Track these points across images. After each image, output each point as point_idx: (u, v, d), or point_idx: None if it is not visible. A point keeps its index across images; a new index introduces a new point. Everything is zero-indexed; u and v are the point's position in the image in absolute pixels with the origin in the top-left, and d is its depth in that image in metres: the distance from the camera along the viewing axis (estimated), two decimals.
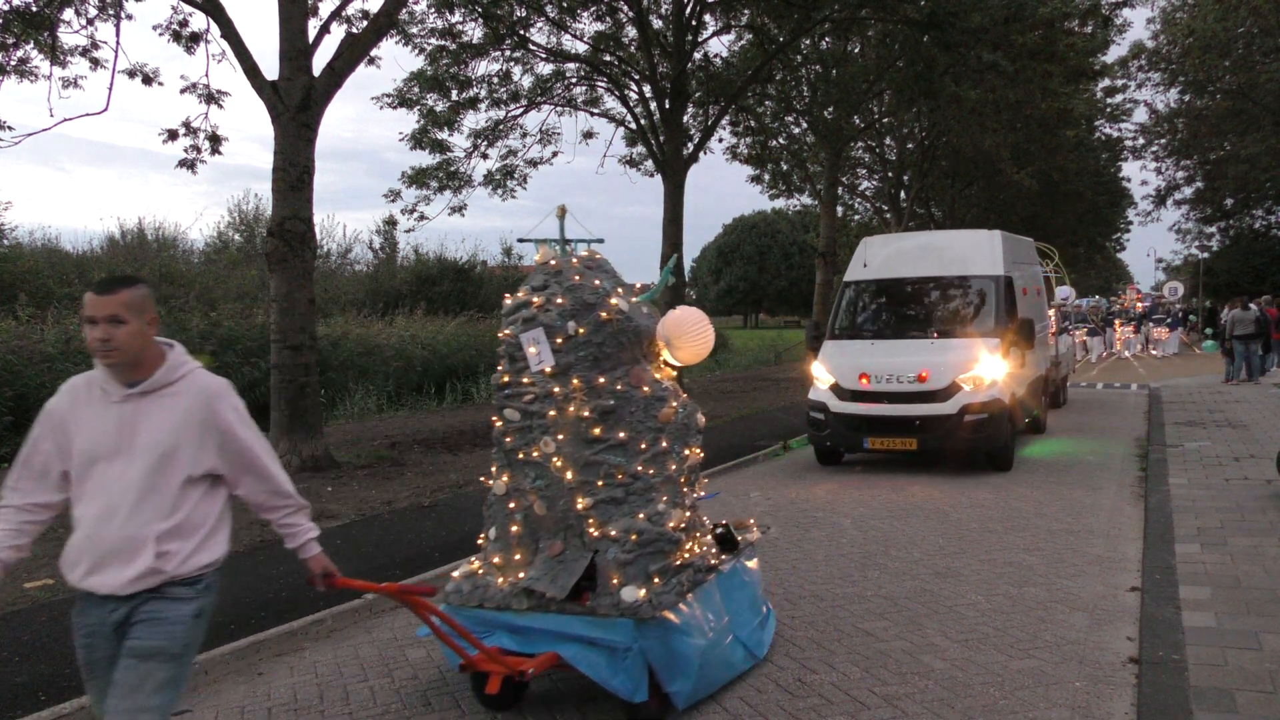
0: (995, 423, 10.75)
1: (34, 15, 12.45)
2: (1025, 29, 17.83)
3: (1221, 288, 46.28)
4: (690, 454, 4.94)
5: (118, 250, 26.29)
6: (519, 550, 4.77)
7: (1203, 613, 5.74)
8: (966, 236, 12.98)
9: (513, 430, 4.82)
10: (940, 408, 10.67)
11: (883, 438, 10.90)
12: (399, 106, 20.12)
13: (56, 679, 5.06)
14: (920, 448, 10.83)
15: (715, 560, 4.97)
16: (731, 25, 21.32)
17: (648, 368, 4.86)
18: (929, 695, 4.84)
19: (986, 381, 10.80)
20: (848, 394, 11.16)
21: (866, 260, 12.69)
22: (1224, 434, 13.15)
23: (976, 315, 11.75)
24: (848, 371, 11.24)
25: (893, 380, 10.86)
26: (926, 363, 10.89)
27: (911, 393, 10.78)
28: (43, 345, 13.76)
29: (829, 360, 11.65)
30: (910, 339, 11.67)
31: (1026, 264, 14.22)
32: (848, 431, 11.15)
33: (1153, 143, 42.25)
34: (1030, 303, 13.49)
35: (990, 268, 11.96)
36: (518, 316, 4.86)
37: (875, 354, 11.39)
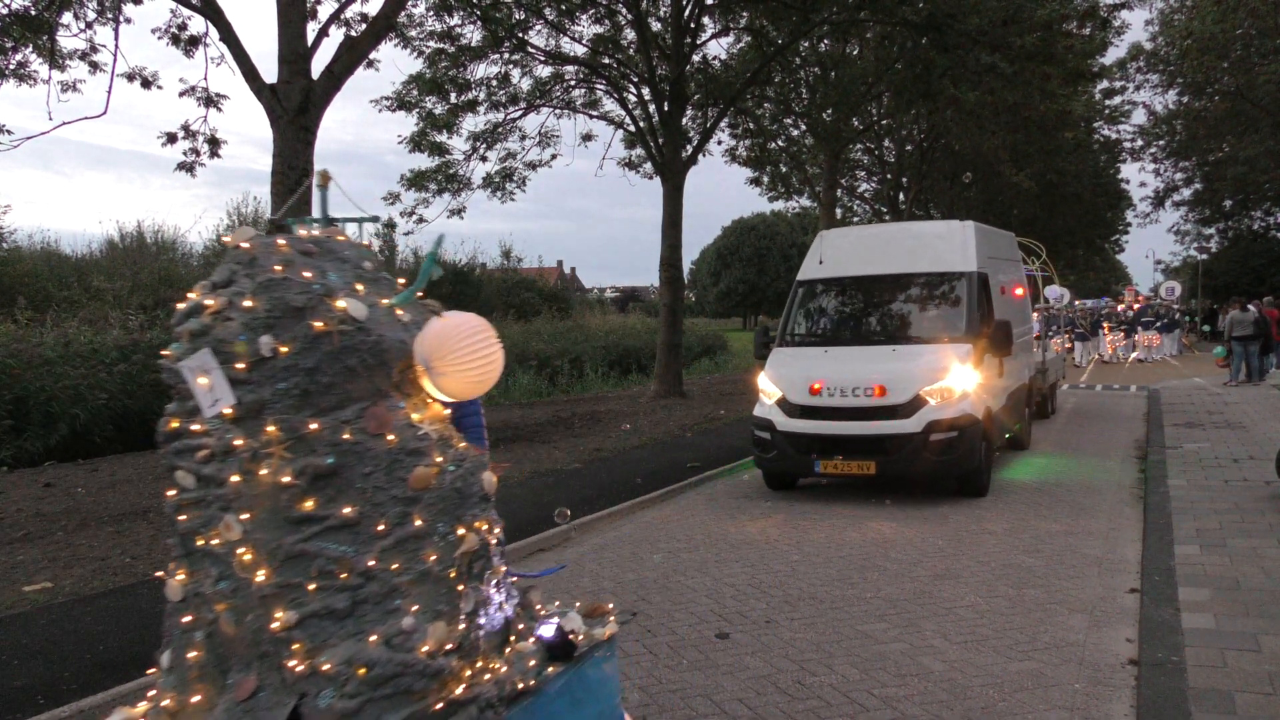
0: (966, 442, 9.41)
1: (33, 19, 12.46)
2: (1024, 31, 17.84)
3: (1220, 289, 46.29)
4: (463, 536, 3.13)
5: (117, 253, 26.31)
6: (199, 688, 3.17)
7: (1202, 614, 5.74)
8: (935, 228, 11.79)
9: (187, 503, 3.07)
10: (902, 425, 9.34)
11: (836, 461, 9.52)
12: (398, 109, 20.14)
13: (55, 682, 5.05)
14: (880, 472, 9.40)
15: (531, 681, 3.23)
16: (730, 27, 21.35)
17: (398, 405, 3.17)
18: (928, 697, 4.84)
19: (956, 394, 9.48)
20: (796, 410, 9.80)
21: (823, 256, 11.28)
22: (1223, 435, 13.15)
23: (945, 318, 10.40)
24: (796, 384, 9.89)
25: (847, 394, 9.53)
26: (886, 373, 9.57)
27: (869, 408, 9.45)
28: (42, 348, 13.76)
29: (776, 371, 10.29)
30: (869, 346, 10.40)
31: (1006, 260, 12.86)
32: (796, 453, 9.77)
33: (1151, 144, 42.32)
34: (1010, 303, 12.26)
35: (962, 263, 10.61)
36: (185, 329, 3.07)
37: (828, 364, 10.06)
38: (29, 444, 12.53)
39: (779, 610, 6.26)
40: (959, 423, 9.38)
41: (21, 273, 19.87)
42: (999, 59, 18.18)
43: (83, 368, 13.71)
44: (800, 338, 11.10)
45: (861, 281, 11.11)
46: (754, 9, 20.02)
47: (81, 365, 13.77)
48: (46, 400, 12.84)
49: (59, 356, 13.74)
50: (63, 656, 5.38)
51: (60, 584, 6.77)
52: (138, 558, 7.47)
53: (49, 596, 6.51)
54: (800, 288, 11.34)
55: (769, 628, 5.98)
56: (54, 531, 8.40)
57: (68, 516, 8.96)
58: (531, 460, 12.09)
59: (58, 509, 9.33)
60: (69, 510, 9.24)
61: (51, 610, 6.21)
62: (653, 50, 19.76)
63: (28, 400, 12.69)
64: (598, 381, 25.58)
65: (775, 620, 6.11)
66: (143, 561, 7.35)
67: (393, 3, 11.89)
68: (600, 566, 7.59)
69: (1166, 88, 37.93)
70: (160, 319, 17.10)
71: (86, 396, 13.29)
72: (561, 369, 25.21)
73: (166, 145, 13.80)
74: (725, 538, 8.48)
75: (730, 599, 6.61)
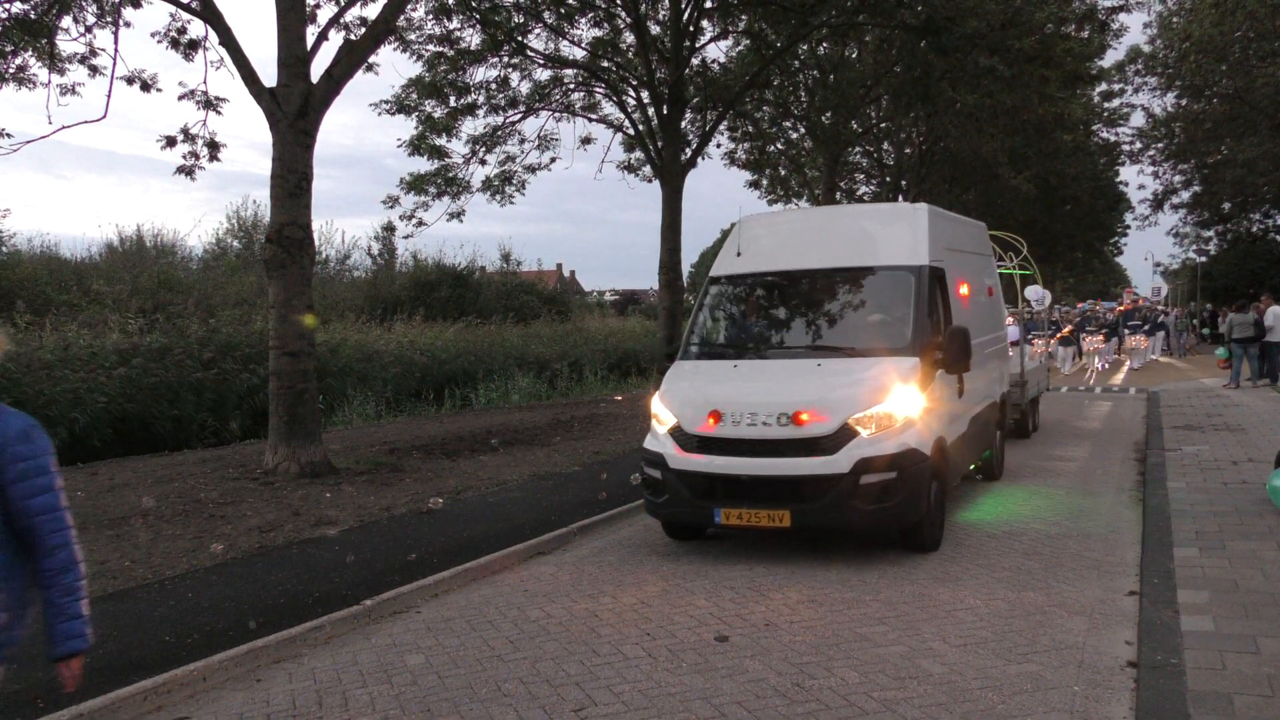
0: (908, 485, 7.30)
1: (33, 23, 12.48)
2: (1022, 34, 17.86)
3: (1220, 291, 46.33)
4: None
5: (116, 257, 26.33)
6: None
7: (1201, 617, 5.73)
8: (880, 213, 10.09)
9: None
10: (825, 464, 7.21)
11: (740, 509, 7.37)
12: (397, 113, 20.15)
13: (55, 686, 5.05)
14: (796, 524, 7.24)
15: None
16: (729, 31, 21.36)
17: None
18: (927, 700, 4.84)
19: (897, 422, 7.40)
20: (692, 442, 7.66)
21: (741, 246, 9.21)
22: (1222, 438, 13.15)
23: (887, 325, 8.31)
24: (693, 408, 7.74)
25: (755, 422, 7.39)
26: (807, 395, 7.46)
27: (782, 441, 7.34)
28: (41, 352, 13.76)
29: (671, 391, 8.18)
30: (789, 359, 8.25)
31: (972, 253, 10.80)
32: (692, 498, 7.60)
33: (1150, 147, 42.32)
34: (976, 305, 10.23)
35: (908, 255, 8.55)
36: None
37: (735, 382, 8.03)
38: None
39: (778, 611, 6.26)
40: (900, 460, 7.26)
41: (21, 276, 19.86)
42: (997, 62, 18.19)
43: (82, 371, 13.71)
44: (707, 348, 8.91)
45: (785, 278, 8.99)
46: (753, 12, 20.04)
47: (81, 369, 13.77)
48: (45, 404, 12.84)
49: (58, 360, 13.74)
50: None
51: None
52: (136, 561, 7.46)
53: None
54: (711, 285, 9.29)
55: (768, 630, 5.98)
56: None
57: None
58: (530, 463, 12.09)
59: None
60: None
61: None
62: (652, 53, 19.77)
63: (27, 404, 12.69)
64: (597, 384, 25.60)
65: (774, 623, 6.12)
66: (141, 565, 7.35)
67: (392, 6, 11.90)
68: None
69: (1165, 90, 37.96)
70: (159, 323, 17.09)
71: (85, 400, 13.29)
72: (561, 372, 25.21)
73: (166, 149, 13.81)
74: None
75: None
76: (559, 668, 5.47)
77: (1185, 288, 52.41)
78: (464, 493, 10.20)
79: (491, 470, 11.61)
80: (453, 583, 7.23)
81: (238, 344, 17.05)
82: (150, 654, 5.51)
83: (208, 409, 15.56)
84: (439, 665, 5.59)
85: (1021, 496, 10.02)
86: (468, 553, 7.76)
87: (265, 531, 8.42)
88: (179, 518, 9.03)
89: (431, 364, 22.11)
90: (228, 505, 9.55)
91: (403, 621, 6.42)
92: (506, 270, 43.79)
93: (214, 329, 17.36)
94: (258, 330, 17.40)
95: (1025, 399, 14.03)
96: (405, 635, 6.15)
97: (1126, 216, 53.04)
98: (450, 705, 5.00)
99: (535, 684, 5.24)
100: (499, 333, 27.13)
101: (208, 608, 6.32)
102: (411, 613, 6.64)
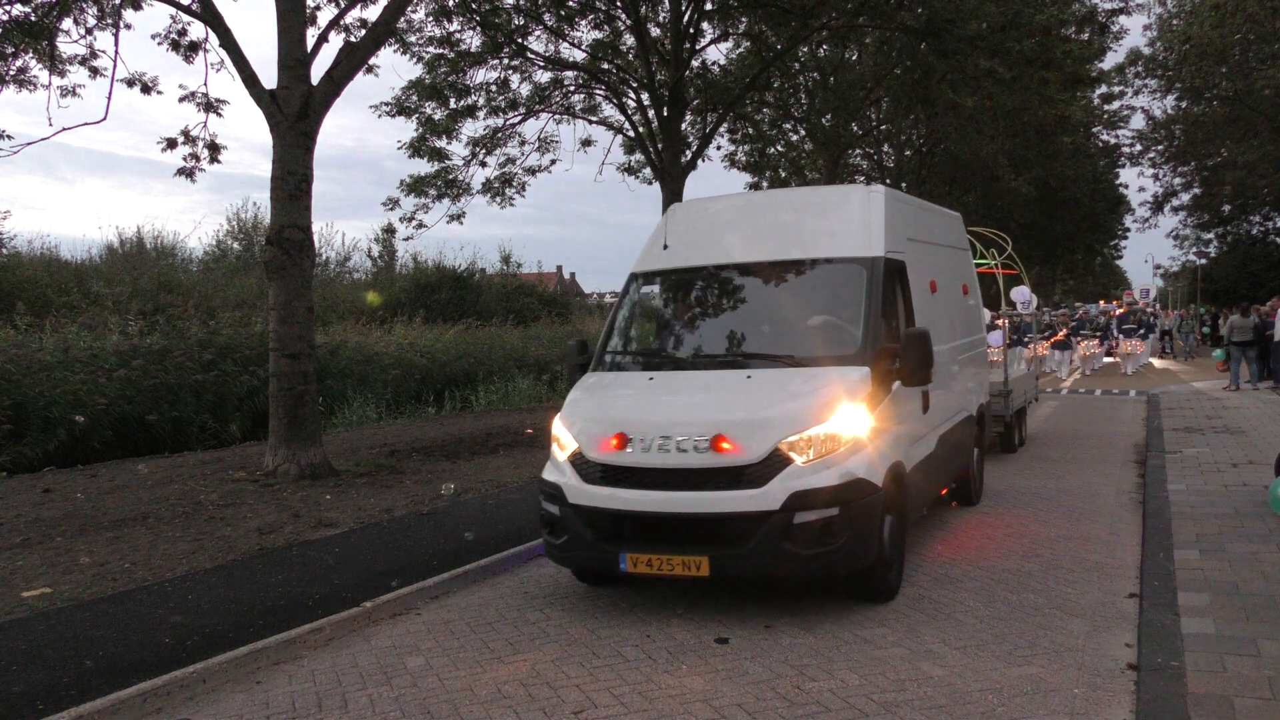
0: (854, 524, 6.05)
1: (33, 25, 12.48)
2: (1022, 36, 17.88)
3: (1220, 294, 46.36)
4: None
5: (116, 259, 26.33)
6: None
7: (1201, 619, 5.73)
8: (829, 197, 8.58)
9: None
10: (751, 499, 5.98)
11: (649, 554, 6.10)
12: (397, 115, 20.15)
13: (54, 688, 5.05)
14: (715, 572, 5.99)
15: None
16: (729, 33, 21.38)
17: None
18: (927, 702, 4.84)
19: (841, 445, 6.17)
20: (595, 471, 6.43)
21: (669, 238, 7.98)
22: (1223, 440, 13.15)
23: (831, 329, 7.09)
24: (597, 430, 6.50)
25: (668, 447, 6.15)
26: (731, 414, 6.22)
27: (700, 471, 6.10)
28: (41, 354, 13.76)
29: (575, 409, 6.91)
30: (714, 370, 7.01)
31: (943, 245, 9.45)
32: (594, 539, 6.35)
33: (1150, 149, 42.36)
34: (947, 305, 8.98)
35: (860, 245, 7.24)
36: None
37: (647, 399, 6.78)
38: (28, 449, 12.51)
39: (778, 614, 6.25)
40: (843, 493, 6.03)
41: (21, 278, 19.86)
42: (997, 64, 18.21)
43: (82, 373, 13.70)
44: (622, 357, 7.66)
45: (715, 274, 7.70)
46: (753, 14, 20.07)
47: (81, 370, 13.76)
48: (46, 406, 12.83)
49: (58, 362, 13.73)
50: (61, 662, 5.38)
51: (59, 589, 6.77)
52: (137, 563, 7.46)
53: (48, 602, 6.51)
54: (633, 283, 7.98)
55: (768, 633, 5.98)
56: (53, 537, 8.39)
57: (67, 522, 8.95)
58: (531, 465, 12.09)
59: (57, 514, 9.32)
60: (68, 515, 9.24)
61: (50, 616, 6.20)
62: (652, 56, 19.79)
63: (27, 406, 12.68)
64: None
65: (774, 625, 6.11)
66: (142, 567, 7.35)
67: (392, 8, 11.91)
68: None
69: (1165, 93, 38.00)
70: (159, 325, 17.09)
71: (86, 402, 13.28)
72: (561, 374, 25.19)
73: (166, 151, 13.79)
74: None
75: None
76: (559, 669, 5.47)
77: (1185, 290, 52.39)
78: (464, 495, 10.20)
79: (493, 472, 11.61)
80: (453, 584, 7.23)
81: (238, 346, 17.05)
82: (150, 656, 5.50)
83: (208, 411, 15.56)
84: (439, 667, 5.59)
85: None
86: (468, 555, 7.76)
87: (265, 533, 8.42)
88: (179, 519, 9.02)
89: (431, 366, 22.10)
90: (228, 507, 9.54)
91: (403, 623, 6.42)
92: (507, 272, 43.78)
93: (214, 331, 17.35)
94: (258, 332, 17.39)
95: (1010, 410, 12.74)
96: (405, 637, 6.15)
97: (1126, 219, 53.13)
98: (450, 707, 5.00)
99: (535, 685, 5.24)
100: (499, 335, 27.13)
101: (208, 609, 6.31)
102: (411, 614, 6.64)
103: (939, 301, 8.58)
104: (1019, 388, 13.42)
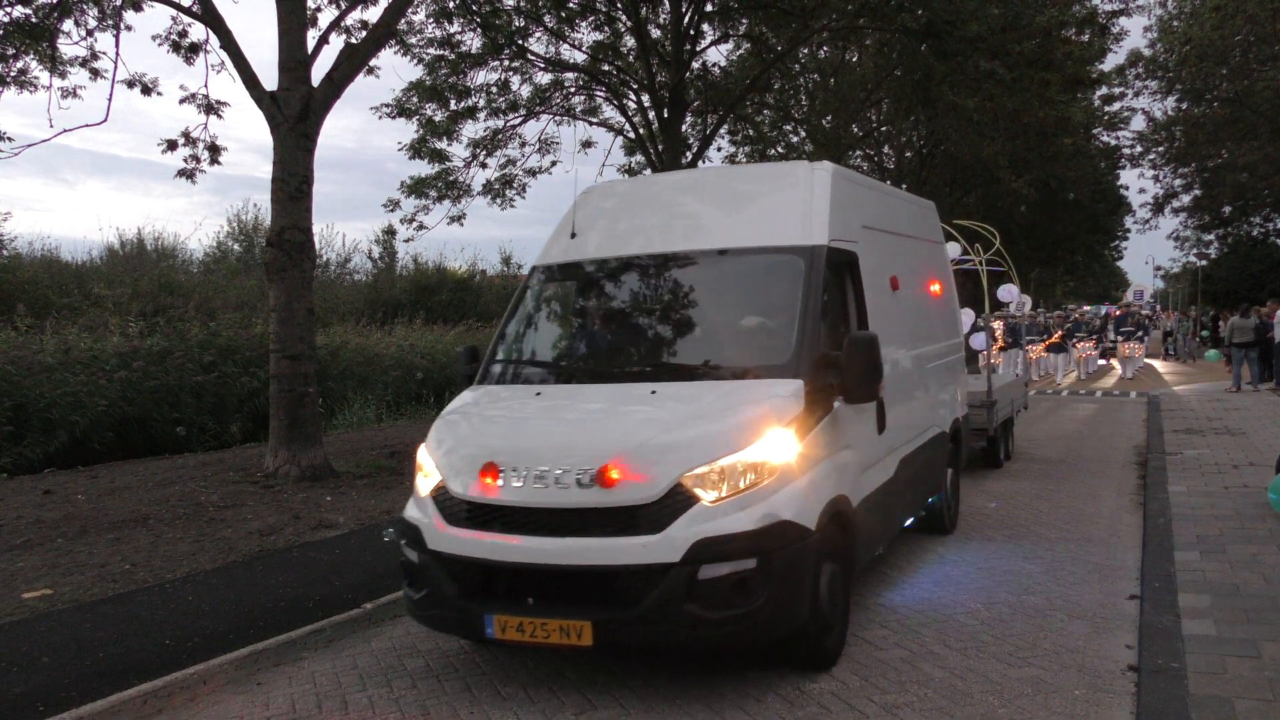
0: (778, 578, 4.84)
1: (34, 26, 12.49)
2: (1022, 37, 17.90)
3: (1220, 295, 46.33)
4: None
5: (117, 260, 26.32)
6: None
7: (1202, 621, 5.73)
8: (763, 175, 7.16)
9: None
10: (644, 549, 4.75)
11: (520, 616, 4.87)
12: (398, 116, 20.19)
13: (54, 690, 5.05)
14: (600, 641, 4.74)
15: None
16: (730, 34, 21.41)
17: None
18: (928, 704, 4.83)
19: (764, 480, 4.94)
20: (460, 510, 5.21)
21: (578, 225, 6.75)
22: (1223, 441, 13.15)
23: (761, 332, 5.86)
24: (464, 459, 5.32)
25: (546, 481, 4.95)
26: (621, 440, 5.00)
27: (583, 511, 4.89)
28: (42, 355, 13.75)
29: (443, 433, 5.72)
30: (614, 384, 5.73)
31: (908, 236, 8.08)
32: (456, 596, 5.10)
33: (1150, 150, 42.33)
34: (913, 306, 7.79)
35: (798, 232, 5.99)
36: None
37: (527, 420, 5.58)
38: (29, 451, 12.51)
39: None
40: (763, 539, 4.81)
41: (22, 280, 19.83)
42: (998, 65, 18.22)
43: (82, 374, 13.69)
44: (510, 367, 6.39)
45: (626, 267, 6.47)
46: (753, 16, 20.09)
47: (81, 372, 13.75)
48: (46, 407, 12.82)
49: (59, 363, 13.72)
50: (62, 663, 5.38)
51: (60, 591, 6.77)
52: (137, 564, 7.46)
53: (49, 603, 6.51)
54: (532, 279, 6.79)
55: None
56: (54, 538, 8.39)
57: (67, 523, 8.95)
58: None
59: (57, 516, 9.32)
60: (69, 517, 9.24)
61: (51, 617, 6.21)
62: (652, 57, 19.82)
63: (27, 407, 12.68)
64: None
65: None
66: (142, 568, 7.35)
67: (393, 10, 11.92)
68: None
69: (1165, 94, 37.96)
70: (160, 326, 17.09)
71: (86, 403, 13.27)
72: None
73: (167, 152, 13.79)
74: None
75: None
76: (557, 672, 5.47)
77: (1186, 291, 52.38)
78: None
79: None
80: None
81: (238, 347, 17.04)
82: (150, 657, 5.50)
83: (208, 412, 15.56)
84: (438, 669, 5.59)
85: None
86: None
87: (266, 535, 8.42)
88: (179, 521, 9.02)
89: (432, 367, 22.09)
90: (228, 508, 9.54)
91: (404, 624, 6.41)
92: (507, 274, 43.74)
93: (214, 332, 17.34)
94: (258, 333, 17.38)
95: (994, 422, 11.48)
96: (405, 639, 6.15)
97: (1127, 220, 53.09)
98: (450, 709, 5.00)
99: (534, 688, 5.24)
100: None
101: (208, 611, 6.31)
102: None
103: (902, 301, 7.39)
104: (1004, 396, 12.18)
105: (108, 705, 4.90)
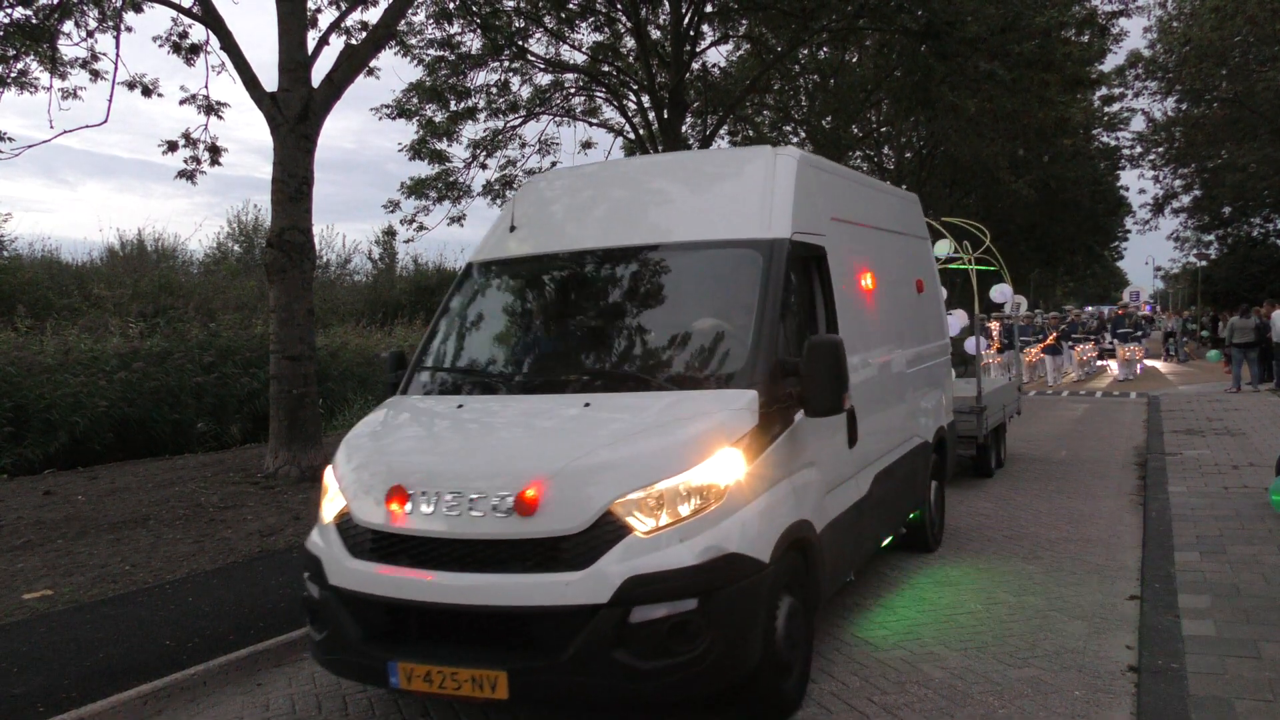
0: (722, 621, 4.20)
1: (34, 27, 12.49)
2: (1022, 38, 17.90)
3: (1220, 296, 46.34)
4: None
5: (117, 261, 26.32)
6: None
7: (1202, 621, 5.73)
8: (723, 163, 6.56)
9: None
10: (568, 587, 4.14)
11: (428, 664, 4.25)
12: (398, 117, 20.20)
13: (54, 691, 5.05)
14: (517, 694, 4.13)
15: None
16: (730, 35, 21.42)
17: None
18: (928, 704, 4.84)
19: (709, 500, 4.34)
20: (364, 540, 4.59)
21: (517, 217, 6.19)
22: (1223, 442, 13.15)
23: (712, 336, 5.18)
24: (369, 482, 4.69)
25: (458, 507, 4.34)
26: (542, 461, 4.39)
27: (498, 543, 4.28)
28: (42, 356, 13.76)
29: (353, 451, 5.04)
30: (544, 395, 5.14)
31: (887, 231, 7.52)
32: (359, 639, 4.48)
33: (1150, 151, 42.37)
34: (890, 306, 7.18)
35: (756, 224, 5.40)
36: None
37: (443, 436, 5.04)
38: (29, 451, 12.51)
39: None
40: (706, 575, 4.20)
41: (22, 281, 19.84)
42: (997, 66, 18.23)
43: (83, 375, 13.70)
44: (435, 376, 5.75)
45: (565, 265, 5.89)
46: (753, 17, 20.10)
47: (81, 373, 13.75)
48: (46, 408, 12.83)
49: (59, 364, 13.73)
50: (62, 664, 5.38)
51: (60, 592, 6.77)
52: (137, 565, 7.46)
53: (49, 604, 6.51)
54: (466, 278, 6.20)
55: None
56: (54, 539, 8.39)
57: (67, 524, 8.95)
58: None
59: (58, 516, 9.32)
60: (69, 518, 9.24)
61: (51, 618, 6.21)
62: (652, 58, 19.83)
63: (28, 408, 12.68)
64: None
65: None
66: (142, 569, 7.35)
67: (393, 11, 11.93)
68: None
69: (1165, 94, 37.98)
70: (160, 327, 17.10)
71: (86, 404, 13.28)
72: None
73: (167, 153, 13.81)
74: None
75: None
76: None
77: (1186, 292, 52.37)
78: None
79: None
80: None
81: (238, 348, 17.05)
82: (151, 658, 5.50)
83: (208, 413, 15.56)
84: None
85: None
86: None
87: (266, 535, 8.42)
88: (179, 521, 9.03)
89: None
90: (228, 509, 9.54)
91: None
92: None
93: (214, 333, 17.35)
94: (258, 334, 17.39)
95: (984, 429, 10.96)
96: None
97: (1127, 221, 53.14)
98: (450, 712, 5.00)
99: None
100: None
101: (208, 612, 6.31)
102: None
103: (879, 301, 6.81)
104: (995, 401, 11.62)
105: (108, 706, 4.90)
